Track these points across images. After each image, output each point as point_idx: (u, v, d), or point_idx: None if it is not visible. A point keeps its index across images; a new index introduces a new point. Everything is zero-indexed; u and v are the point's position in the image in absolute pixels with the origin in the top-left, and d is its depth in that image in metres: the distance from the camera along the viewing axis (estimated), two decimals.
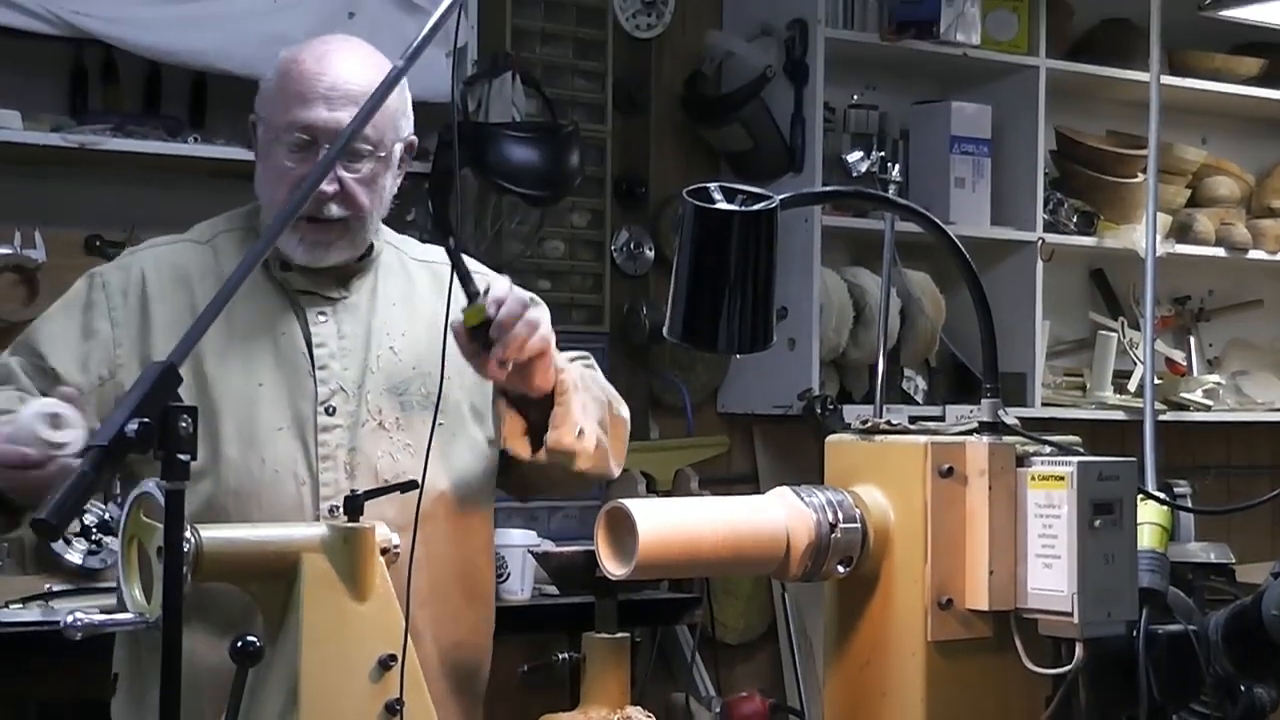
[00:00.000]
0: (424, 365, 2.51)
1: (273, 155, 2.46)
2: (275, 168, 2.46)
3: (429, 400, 2.45)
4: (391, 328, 2.54)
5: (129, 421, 1.70)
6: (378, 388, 2.49)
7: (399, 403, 2.49)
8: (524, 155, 4.31)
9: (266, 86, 2.51)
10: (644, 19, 4.89)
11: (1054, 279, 5.31)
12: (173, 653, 1.76)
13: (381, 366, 2.51)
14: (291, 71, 2.46)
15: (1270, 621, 2.04)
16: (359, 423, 2.47)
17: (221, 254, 2.52)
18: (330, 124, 2.41)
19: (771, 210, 1.88)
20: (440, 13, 1.97)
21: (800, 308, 4.73)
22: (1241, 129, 6.03)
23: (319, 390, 2.46)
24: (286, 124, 2.44)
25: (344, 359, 2.49)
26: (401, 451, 2.48)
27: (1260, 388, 5.91)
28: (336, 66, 2.46)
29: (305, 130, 2.43)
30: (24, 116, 3.81)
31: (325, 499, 2.42)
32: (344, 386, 2.47)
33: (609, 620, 2.20)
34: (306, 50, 2.49)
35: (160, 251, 2.55)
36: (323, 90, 2.43)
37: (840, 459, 2.02)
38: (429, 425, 2.41)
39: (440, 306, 2.51)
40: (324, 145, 2.40)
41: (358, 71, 2.46)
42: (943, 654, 1.91)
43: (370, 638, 2.09)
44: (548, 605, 4.17)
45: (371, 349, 2.51)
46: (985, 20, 5.07)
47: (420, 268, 2.62)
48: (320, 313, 2.51)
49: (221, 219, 2.60)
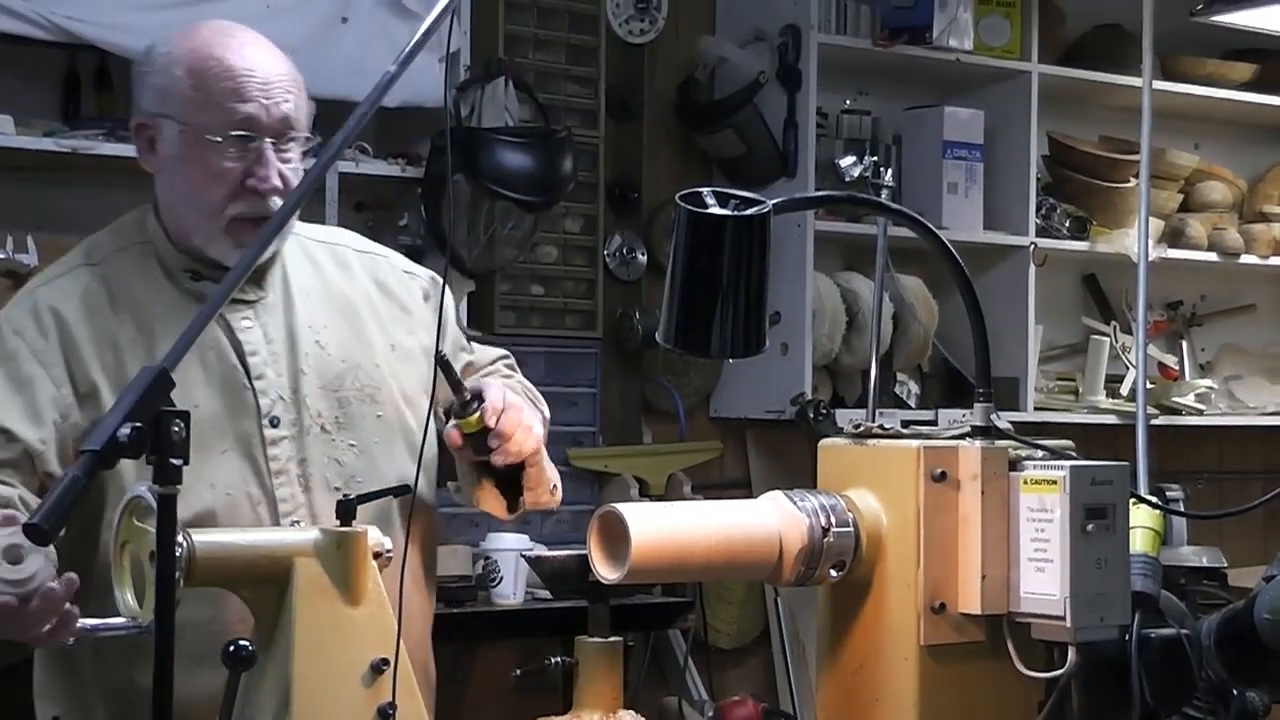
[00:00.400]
0: (352, 356, 2.43)
1: (199, 157, 2.34)
2: (208, 170, 2.33)
3: (364, 393, 2.41)
4: (313, 320, 2.43)
5: (121, 426, 1.70)
6: (313, 389, 2.39)
7: (336, 400, 2.40)
8: (517, 161, 4.31)
9: (173, 85, 2.35)
10: (637, 24, 4.89)
11: (1046, 284, 5.31)
12: (165, 658, 1.75)
13: (312, 365, 2.40)
14: (210, 69, 2.34)
15: (1262, 626, 2.05)
16: (304, 430, 2.37)
17: (121, 274, 2.39)
18: (271, 116, 2.34)
19: (764, 215, 1.88)
20: (433, 18, 1.96)
21: (793, 313, 4.73)
22: (1233, 134, 6.04)
23: (260, 403, 2.35)
24: (220, 123, 2.33)
25: (276, 364, 2.38)
26: (348, 453, 2.40)
27: (1252, 392, 5.91)
28: (259, 59, 2.37)
29: (246, 126, 2.33)
30: (17, 121, 3.81)
31: (285, 515, 2.34)
32: (282, 395, 2.37)
33: (602, 624, 2.19)
34: (213, 44, 2.37)
35: (61, 284, 2.39)
36: (257, 83, 2.34)
37: (833, 463, 2.02)
38: (366, 418, 2.40)
39: (351, 290, 2.48)
40: (263, 141, 2.33)
41: (279, 60, 2.39)
42: (936, 658, 1.91)
43: (363, 642, 2.09)
44: (540, 610, 4.17)
45: (299, 348, 2.40)
46: (978, 26, 5.08)
47: (321, 249, 2.51)
48: (244, 318, 2.39)
49: (106, 237, 2.46)
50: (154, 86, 2.38)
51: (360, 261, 2.54)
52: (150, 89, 2.39)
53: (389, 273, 2.56)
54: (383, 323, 2.50)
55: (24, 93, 3.98)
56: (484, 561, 4.27)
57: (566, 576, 2.25)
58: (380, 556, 2.14)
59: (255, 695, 2.06)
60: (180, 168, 2.37)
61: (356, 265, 2.53)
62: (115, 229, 2.47)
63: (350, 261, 2.53)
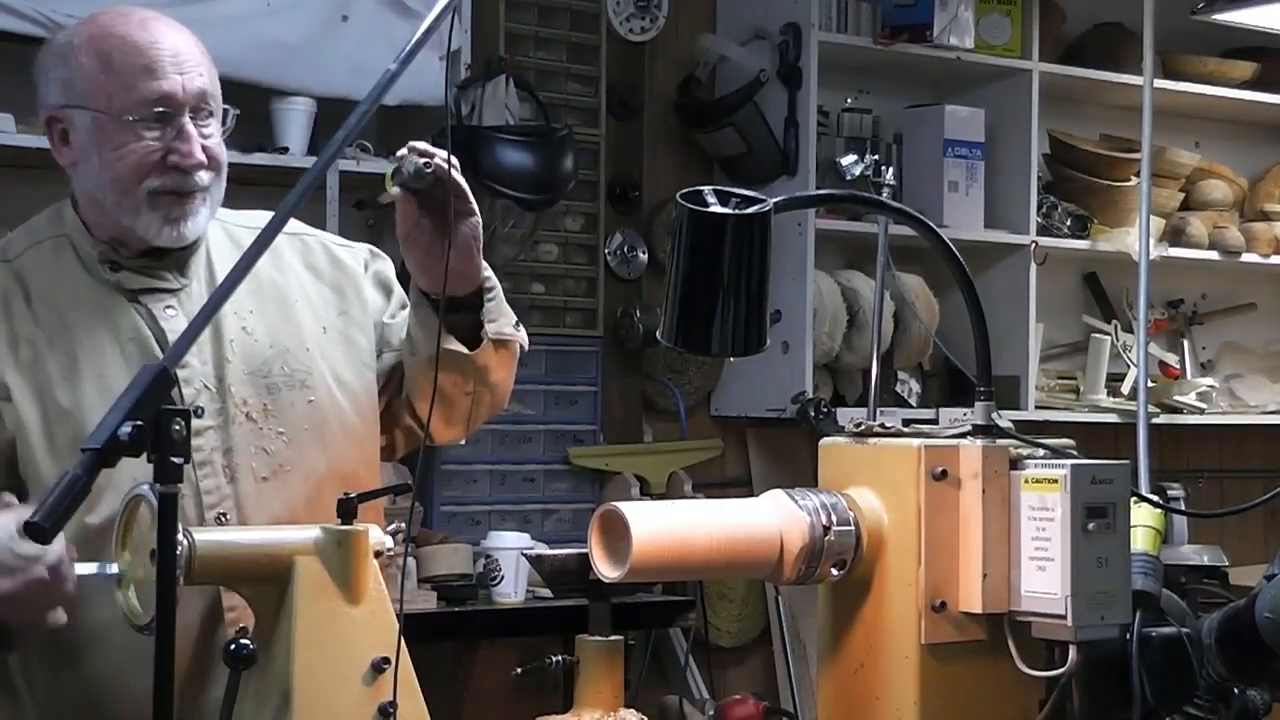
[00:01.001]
0: (280, 341, 2.38)
1: (115, 140, 2.27)
2: (126, 152, 2.27)
3: (294, 379, 2.36)
4: (239, 306, 2.36)
5: (122, 425, 1.70)
6: (238, 376, 2.33)
7: (264, 386, 2.35)
8: (517, 159, 4.31)
9: (78, 73, 2.30)
10: (637, 23, 4.89)
11: (1047, 282, 5.31)
12: (165, 656, 1.75)
13: (238, 352, 2.34)
14: (115, 48, 2.28)
15: (1263, 624, 2.05)
16: (229, 420, 2.32)
17: (37, 269, 2.34)
18: (187, 90, 2.28)
19: (765, 214, 1.88)
20: (434, 16, 1.96)
21: (794, 311, 4.73)
22: (1234, 133, 6.04)
23: (184, 392, 2.28)
24: (135, 102, 2.26)
25: (200, 352, 2.31)
26: (275, 441, 2.34)
27: (1253, 391, 5.91)
28: (165, 33, 2.31)
29: (163, 102, 2.27)
30: (17, 120, 3.81)
31: (210, 507, 2.29)
32: (207, 384, 2.31)
33: (602, 623, 2.19)
34: (114, 24, 2.31)
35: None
36: (168, 58, 2.28)
37: (834, 462, 2.02)
38: (297, 405, 2.34)
39: (279, 273, 2.42)
40: (182, 116, 2.27)
41: (184, 34, 2.33)
42: (936, 657, 1.91)
43: (363, 641, 2.09)
44: (541, 608, 4.17)
45: (224, 335, 2.34)
46: (978, 24, 5.08)
47: (247, 235, 2.41)
48: (167, 306, 2.34)
49: (20, 234, 2.40)
50: (59, 79, 2.34)
51: (289, 244, 2.47)
52: (55, 82, 2.34)
53: (319, 253, 2.49)
54: (313, 305, 2.44)
55: (25, 91, 3.96)
56: (484, 560, 4.27)
57: (567, 575, 2.25)
58: (381, 555, 2.13)
59: (256, 693, 2.06)
60: (96, 155, 2.30)
61: (285, 248, 2.46)
62: (29, 227, 2.41)
63: (278, 244, 2.41)
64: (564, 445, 4.75)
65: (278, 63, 4.12)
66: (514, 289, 4.68)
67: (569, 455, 4.74)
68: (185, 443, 1.74)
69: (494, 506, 4.65)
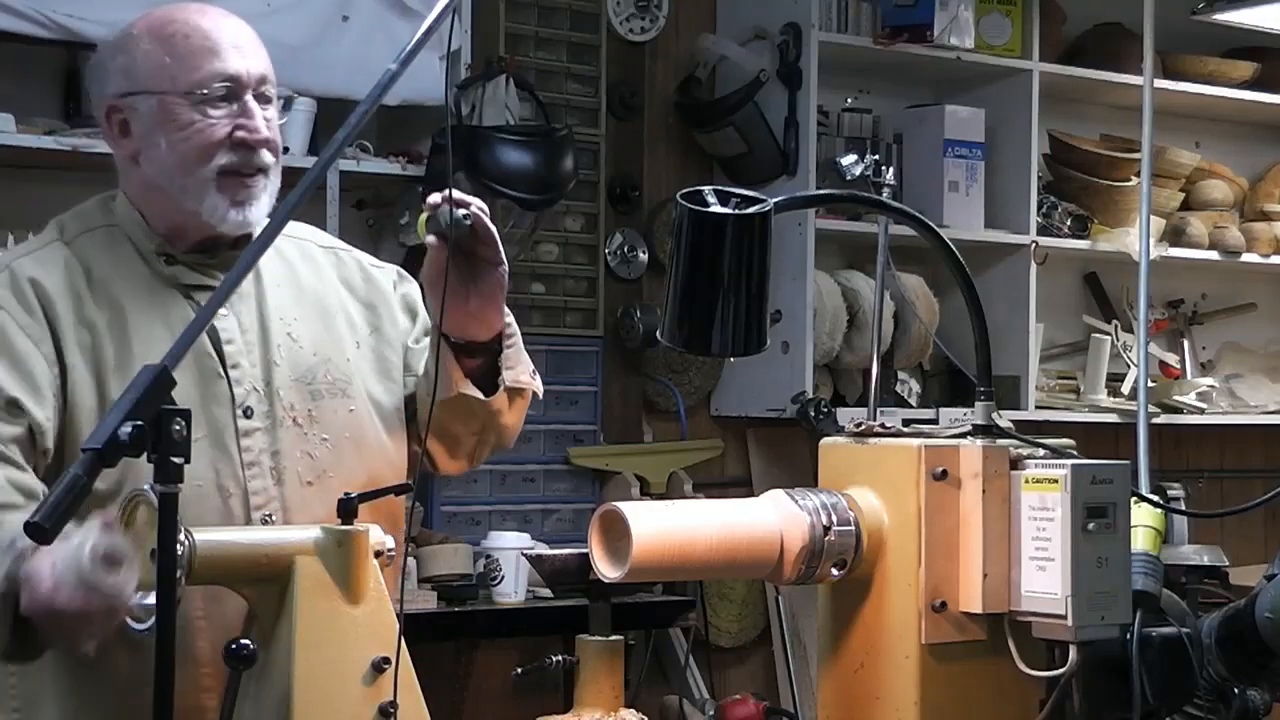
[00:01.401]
0: (322, 350, 2.39)
1: (181, 120, 2.29)
2: (193, 130, 2.28)
3: (335, 387, 2.37)
4: (284, 312, 2.38)
5: (122, 425, 1.70)
6: (285, 380, 2.34)
7: (308, 393, 2.36)
8: (518, 159, 4.31)
9: (142, 59, 2.31)
10: (638, 23, 4.89)
11: (1047, 282, 5.31)
12: (165, 656, 1.76)
13: (284, 356, 2.36)
14: (179, 32, 2.31)
15: (1263, 624, 2.05)
16: (277, 423, 2.33)
17: (94, 254, 2.34)
18: (250, 71, 2.31)
19: (765, 214, 1.88)
20: (434, 16, 1.96)
21: (794, 311, 4.73)
22: (1234, 133, 6.04)
23: (235, 392, 2.31)
24: (201, 80, 2.28)
25: (250, 354, 2.34)
26: (319, 447, 2.35)
27: (1253, 391, 5.91)
28: (223, 19, 2.35)
29: (229, 80, 2.29)
30: (17, 120, 3.81)
31: (257, 508, 2.29)
32: (256, 386, 2.33)
33: (603, 623, 2.19)
34: (171, 15, 2.34)
35: (40, 256, 2.34)
36: (230, 41, 2.32)
37: (834, 462, 2.02)
38: (339, 413, 2.36)
39: (319, 284, 2.44)
40: (246, 94, 2.30)
41: (240, 21, 2.36)
42: (936, 657, 1.91)
43: (364, 641, 2.09)
44: (541, 608, 4.17)
45: (271, 338, 2.36)
46: (978, 24, 5.08)
47: (288, 244, 2.44)
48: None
49: (71, 219, 2.40)
50: (119, 68, 2.34)
51: (325, 258, 2.50)
52: (116, 72, 2.34)
53: (354, 269, 2.51)
54: (350, 320, 2.46)
55: (25, 91, 3.98)
56: (485, 560, 4.27)
57: (567, 575, 2.25)
58: (381, 555, 2.13)
59: (256, 693, 2.06)
60: (162, 137, 2.30)
61: (323, 260, 2.49)
62: (77, 213, 2.41)
63: (316, 256, 2.48)
64: (564, 445, 4.75)
65: (278, 63, 4.06)
66: (514, 289, 4.66)
67: (569, 455, 4.74)
68: (185, 442, 1.75)
69: (494, 506, 4.65)
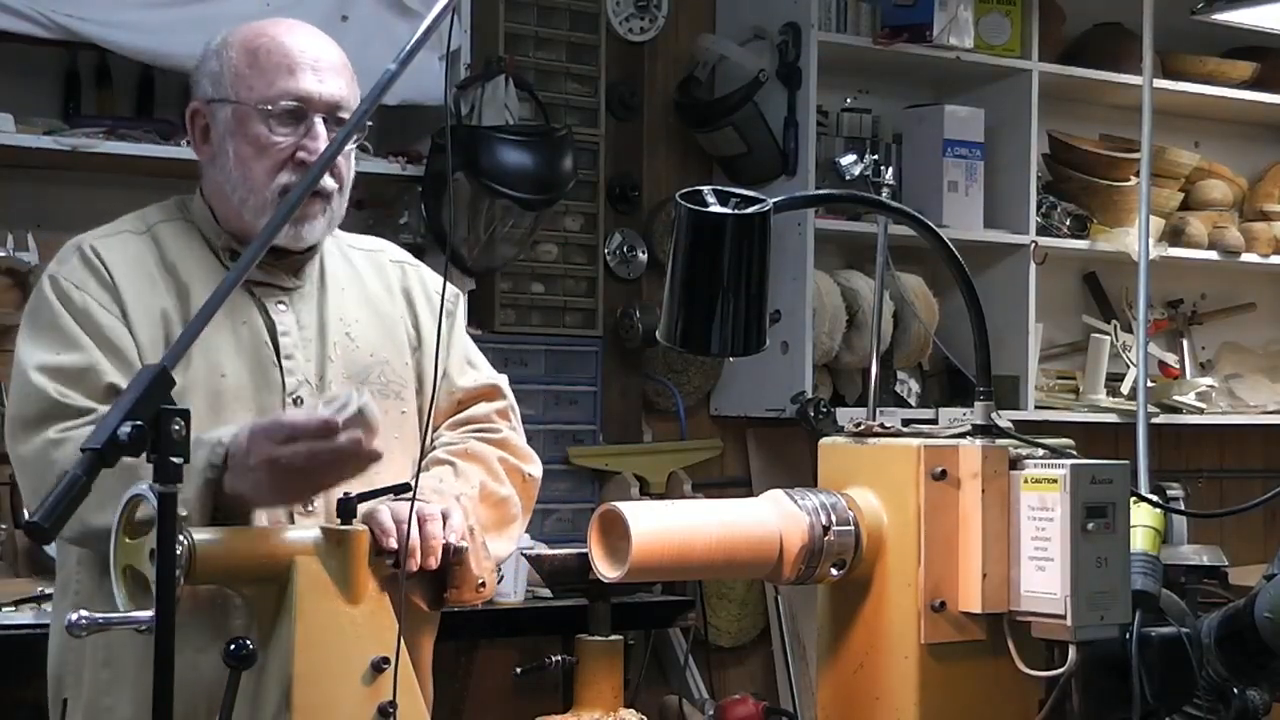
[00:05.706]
0: (380, 352, 2.48)
1: (251, 131, 2.39)
2: (259, 143, 2.38)
3: (388, 389, 2.45)
4: (345, 314, 2.49)
5: (122, 425, 1.70)
6: (338, 377, 2.43)
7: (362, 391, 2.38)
8: (517, 159, 4.31)
9: (226, 67, 2.42)
10: (637, 23, 4.89)
11: (1047, 282, 5.31)
12: (165, 655, 1.75)
13: (340, 355, 2.45)
14: (263, 46, 2.41)
15: (1263, 624, 2.05)
16: None
17: (163, 243, 2.44)
18: (323, 93, 2.40)
19: (765, 213, 1.88)
20: (433, 16, 1.97)
21: (793, 311, 4.73)
22: (1234, 133, 6.04)
23: (286, 381, 2.40)
24: (273, 96, 2.38)
25: (305, 349, 2.43)
26: None
27: (1252, 391, 5.91)
28: (310, 40, 2.44)
29: (299, 99, 2.39)
30: (17, 119, 3.81)
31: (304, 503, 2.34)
32: (308, 379, 2.42)
33: (602, 623, 2.20)
34: (265, 29, 2.44)
35: (110, 241, 2.44)
36: (309, 61, 2.41)
37: (833, 462, 2.02)
38: (390, 414, 2.40)
39: (385, 293, 2.52)
40: (314, 116, 2.39)
41: (329, 44, 2.46)
42: (936, 657, 1.91)
43: (363, 640, 2.09)
44: (541, 608, 4.17)
45: (328, 337, 2.46)
46: (978, 24, 5.08)
47: (359, 255, 2.58)
48: (279, 302, 2.44)
49: (153, 211, 2.51)
50: (209, 74, 2.45)
51: (395, 271, 2.59)
52: (206, 77, 2.45)
53: (418, 287, 2.59)
54: (409, 330, 2.54)
55: (24, 91, 3.98)
56: None
57: (567, 575, 2.26)
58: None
59: (256, 693, 2.06)
60: (231, 147, 2.41)
61: (392, 273, 2.59)
62: (158, 206, 2.52)
63: (385, 266, 2.59)
64: (564, 445, 4.75)
65: None
66: (514, 289, 4.68)
67: (569, 455, 4.74)
68: (185, 442, 1.75)
69: None
